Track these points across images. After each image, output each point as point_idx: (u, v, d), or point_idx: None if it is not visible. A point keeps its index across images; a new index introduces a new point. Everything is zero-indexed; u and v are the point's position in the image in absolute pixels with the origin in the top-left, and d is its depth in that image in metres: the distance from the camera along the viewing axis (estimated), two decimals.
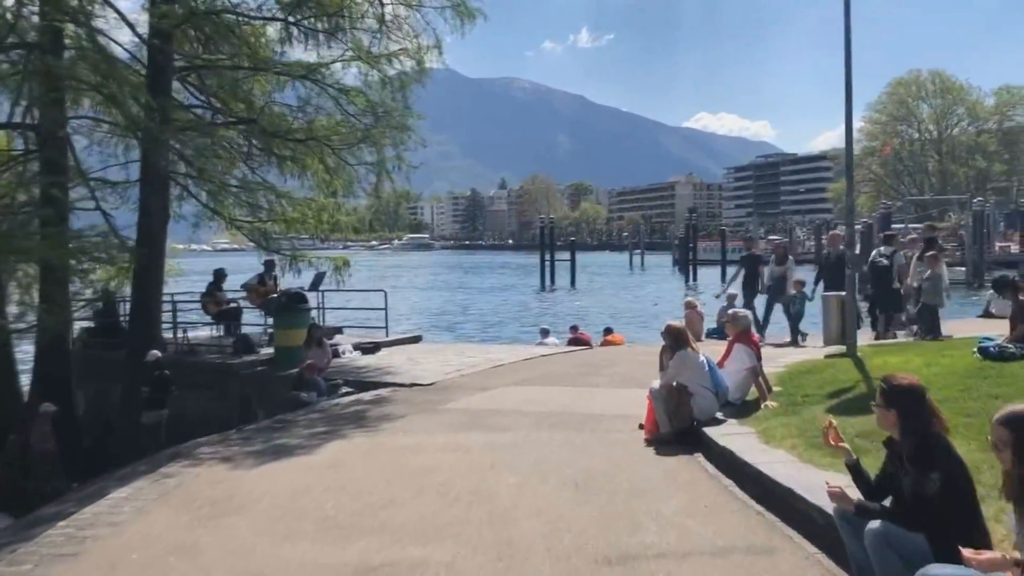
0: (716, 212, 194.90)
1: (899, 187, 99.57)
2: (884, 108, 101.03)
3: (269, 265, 15.39)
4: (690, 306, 15.48)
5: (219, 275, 15.64)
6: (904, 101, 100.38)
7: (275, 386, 11.89)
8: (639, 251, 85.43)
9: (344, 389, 11.24)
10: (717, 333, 14.00)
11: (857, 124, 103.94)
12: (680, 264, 67.73)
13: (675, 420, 6.90)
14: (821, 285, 13.30)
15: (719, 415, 7.24)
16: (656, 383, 7.18)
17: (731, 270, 21.49)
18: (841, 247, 12.54)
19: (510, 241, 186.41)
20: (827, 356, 9.64)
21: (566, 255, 61.04)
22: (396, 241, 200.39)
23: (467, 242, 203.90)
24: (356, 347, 14.47)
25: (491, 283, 62.08)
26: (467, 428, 8.10)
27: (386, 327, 16.18)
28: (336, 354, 13.58)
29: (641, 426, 7.33)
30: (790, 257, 14.75)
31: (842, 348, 9.73)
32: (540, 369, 12.01)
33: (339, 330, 15.98)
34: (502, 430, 7.91)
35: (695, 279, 56.15)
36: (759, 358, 7.63)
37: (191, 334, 15.85)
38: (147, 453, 9.51)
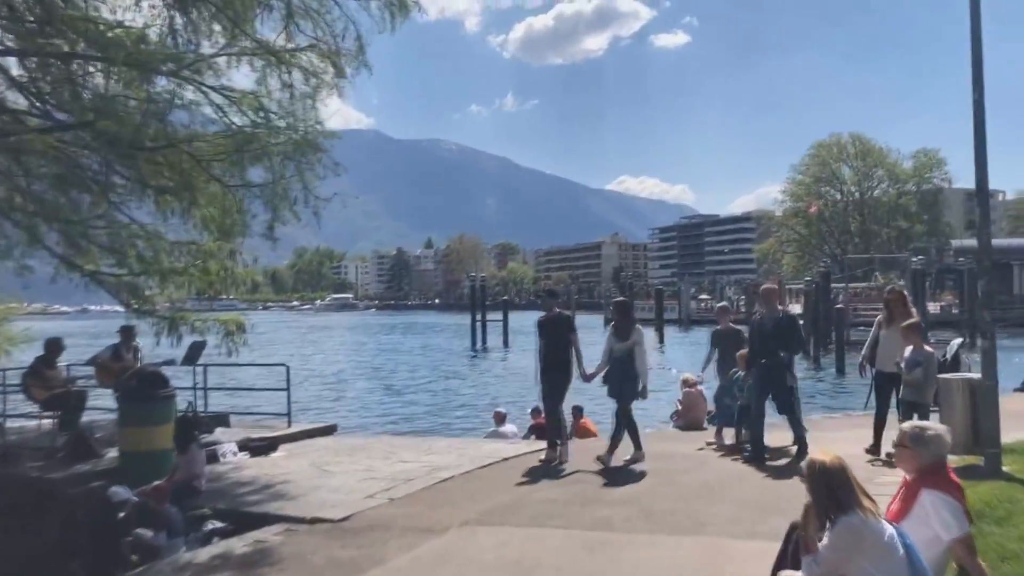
0: (642, 272, 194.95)
1: (823, 247, 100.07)
2: (807, 170, 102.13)
3: (126, 333, 11.34)
4: (688, 384, 12.01)
5: (51, 347, 11.35)
6: (827, 163, 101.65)
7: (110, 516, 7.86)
8: (570, 311, 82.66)
9: (210, 525, 7.33)
10: (718, 418, 10.44)
11: (781, 186, 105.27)
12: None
13: None
14: (714, 362, 10.27)
15: None
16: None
17: (675, 332, 18.29)
18: (780, 307, 9.56)
19: (437, 301, 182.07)
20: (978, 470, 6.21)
21: (496, 315, 58.52)
22: (319, 301, 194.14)
23: (392, 302, 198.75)
24: (243, 446, 10.43)
25: (418, 343, 57.97)
26: None
27: (288, 414, 12.13)
28: (213, 458, 9.67)
29: None
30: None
31: (976, 459, 6.39)
32: (508, 485, 8.17)
33: (223, 419, 11.98)
34: None
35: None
36: (967, 514, 4.04)
37: (11, 425, 11.57)
38: None
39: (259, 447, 10.55)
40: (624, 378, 9.07)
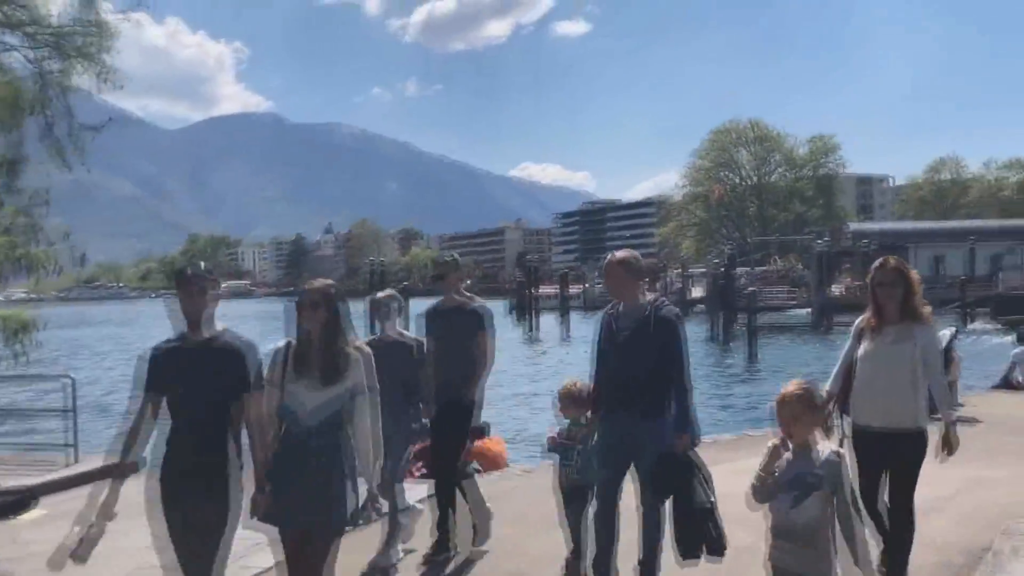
0: (546, 257, 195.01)
1: (722, 231, 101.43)
2: (707, 155, 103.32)
3: None
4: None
5: None
6: (726, 148, 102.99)
7: None
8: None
9: None
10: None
11: (681, 171, 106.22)
12: (517, 310, 63.45)
13: None
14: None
15: None
16: None
17: (583, 319, 15.60)
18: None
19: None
20: None
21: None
22: None
23: (291, 289, 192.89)
24: None
25: None
26: None
27: (75, 444, 8.82)
28: None
29: None
30: None
31: None
32: None
33: None
34: None
35: (536, 327, 51.76)
36: None
37: None
38: None
39: (6, 503, 7.13)
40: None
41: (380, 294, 6.04)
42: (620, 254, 4.81)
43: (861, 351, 4.63)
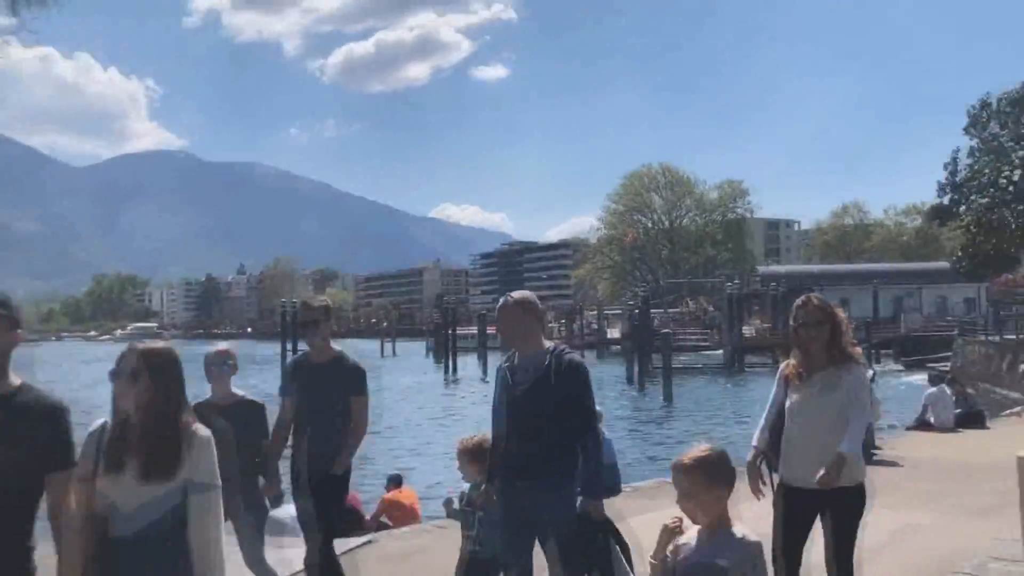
0: (465, 298, 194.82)
1: (635, 273, 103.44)
2: (621, 199, 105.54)
3: None
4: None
5: None
6: (639, 192, 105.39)
7: None
8: (391, 339, 79.65)
9: None
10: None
11: (597, 213, 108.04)
12: (436, 352, 62.93)
13: None
14: None
15: None
16: None
17: (498, 358, 15.13)
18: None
19: (249, 329, 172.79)
20: None
21: None
22: (119, 331, 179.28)
23: (201, 331, 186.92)
24: None
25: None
26: None
27: None
28: None
29: None
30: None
31: None
32: None
33: None
34: None
35: (455, 369, 51.22)
36: None
37: None
38: None
39: None
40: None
41: (212, 350, 5.15)
42: (516, 294, 4.23)
43: (788, 403, 4.16)
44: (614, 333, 63.97)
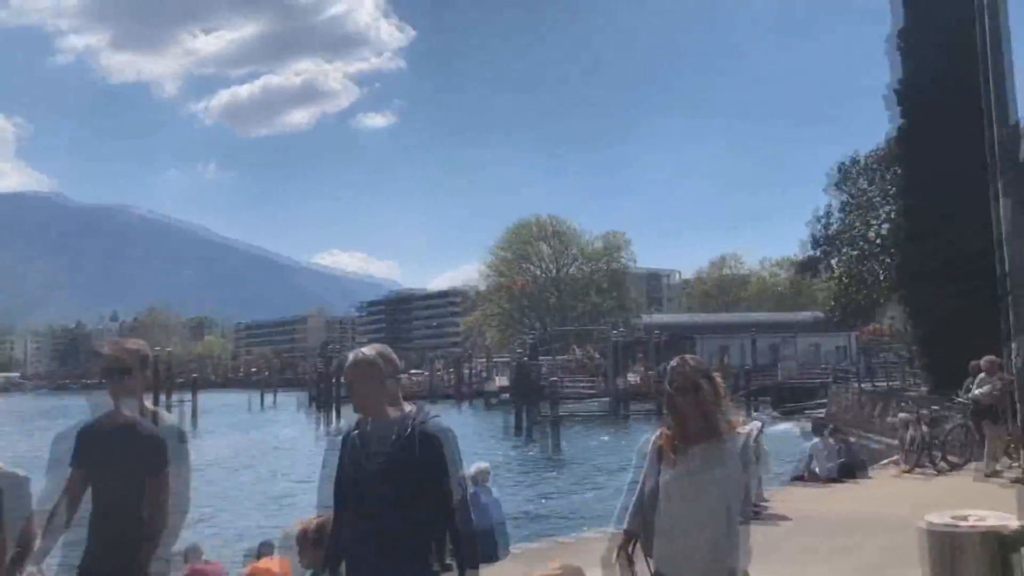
0: (350, 347, 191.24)
1: (524, 320, 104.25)
2: (509, 247, 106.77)
3: None
4: None
5: None
6: (527, 241, 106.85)
7: None
8: (272, 390, 76.85)
9: None
10: None
11: (485, 262, 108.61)
12: (318, 402, 61.00)
13: None
14: None
15: None
16: None
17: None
18: None
19: None
20: None
21: (187, 395, 53.70)
22: None
23: (67, 381, 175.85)
24: None
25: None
26: None
27: None
28: None
29: None
30: None
31: None
32: None
33: None
34: None
35: (338, 419, 49.52)
36: None
37: None
38: None
39: None
40: None
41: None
42: (367, 349, 3.57)
43: (662, 480, 3.57)
44: (503, 381, 63.75)
